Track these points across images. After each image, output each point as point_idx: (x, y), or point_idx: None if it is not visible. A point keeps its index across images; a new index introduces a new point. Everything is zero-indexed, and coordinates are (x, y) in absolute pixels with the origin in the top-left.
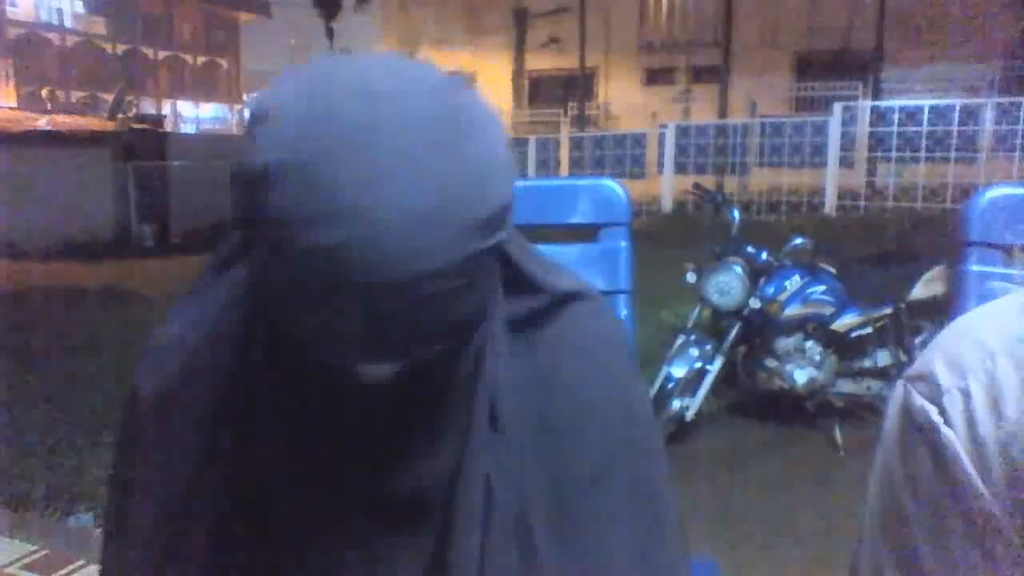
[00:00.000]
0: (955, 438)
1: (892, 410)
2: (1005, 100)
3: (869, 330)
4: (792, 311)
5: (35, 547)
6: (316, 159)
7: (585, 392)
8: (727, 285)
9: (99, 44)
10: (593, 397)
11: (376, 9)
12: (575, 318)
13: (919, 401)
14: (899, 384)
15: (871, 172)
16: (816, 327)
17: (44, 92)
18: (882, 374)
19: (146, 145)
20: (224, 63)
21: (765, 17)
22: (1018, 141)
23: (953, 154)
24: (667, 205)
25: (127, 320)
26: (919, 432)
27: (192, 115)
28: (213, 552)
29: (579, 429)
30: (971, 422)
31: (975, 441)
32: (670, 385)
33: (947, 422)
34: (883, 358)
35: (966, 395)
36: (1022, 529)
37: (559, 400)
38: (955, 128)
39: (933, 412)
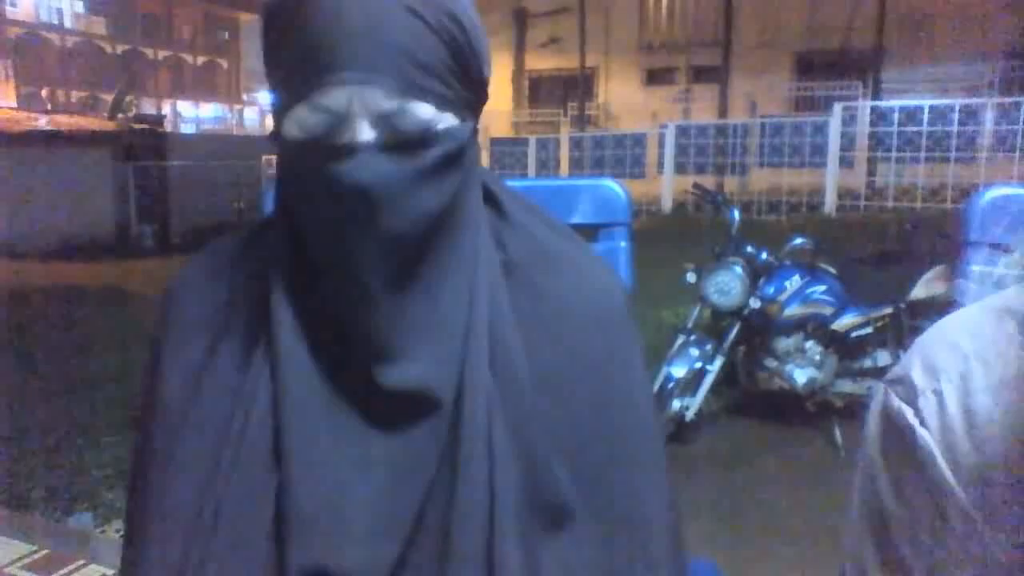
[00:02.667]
0: (930, 439)
1: (872, 412)
2: (1005, 100)
3: (869, 330)
4: (792, 311)
5: (35, 547)
6: None
7: (589, 351)
8: (727, 285)
9: (99, 44)
10: (598, 360)
11: None
12: (582, 275)
13: (896, 403)
14: (879, 387)
15: (871, 172)
16: (816, 327)
17: (44, 92)
18: (882, 374)
19: (146, 145)
20: (224, 63)
21: (765, 17)
22: (1018, 141)
23: (953, 154)
24: (667, 205)
25: (127, 320)
26: (897, 434)
27: (192, 115)
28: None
29: (580, 392)
30: (944, 423)
31: (949, 442)
32: (670, 385)
33: (922, 423)
34: (883, 358)
35: (940, 397)
36: (995, 527)
37: (563, 353)
38: (955, 128)
39: (909, 414)
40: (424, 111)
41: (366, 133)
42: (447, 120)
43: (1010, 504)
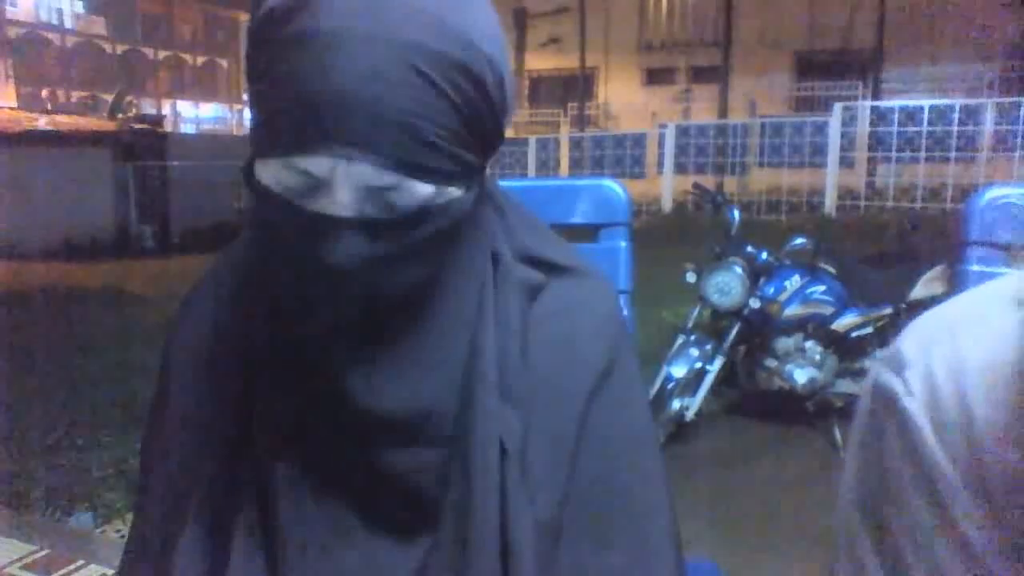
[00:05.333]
0: (918, 411)
1: (865, 387)
2: (1005, 100)
3: (869, 330)
4: (792, 311)
5: (35, 547)
6: None
7: (588, 358)
8: (727, 285)
9: (99, 44)
10: (597, 367)
11: None
12: (587, 295)
13: (885, 375)
14: (873, 363)
15: (871, 172)
16: (816, 327)
17: (44, 92)
18: None
19: (146, 145)
20: (224, 63)
21: (765, 17)
22: (1018, 141)
23: (953, 154)
24: (667, 205)
25: (127, 320)
26: (885, 405)
27: (192, 115)
28: (215, 514)
29: (580, 400)
30: (933, 396)
31: (937, 412)
32: (670, 385)
33: (909, 393)
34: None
35: (928, 368)
36: (984, 501)
37: (562, 360)
38: (955, 128)
39: (898, 384)
40: (423, 189)
41: (349, 208)
42: (450, 193)
43: (1002, 481)
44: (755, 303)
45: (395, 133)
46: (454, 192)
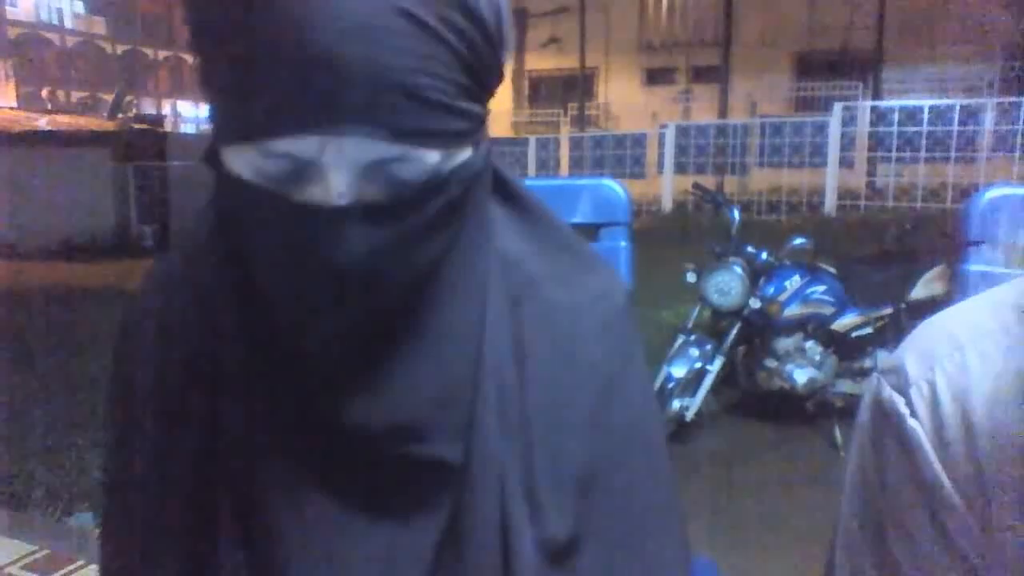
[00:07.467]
0: (920, 429)
1: (865, 402)
2: (1005, 100)
3: (869, 330)
4: (792, 311)
5: (35, 547)
6: None
7: (592, 355)
8: (727, 285)
9: (99, 44)
10: (601, 363)
11: None
12: (587, 279)
13: (888, 392)
14: (873, 376)
15: (871, 172)
16: (816, 327)
17: (44, 92)
18: None
19: (146, 145)
20: None
21: (765, 17)
22: (1018, 141)
23: (953, 154)
24: (667, 205)
25: None
26: (887, 423)
27: (192, 115)
28: (193, 523)
29: (584, 397)
30: (936, 414)
31: (939, 433)
32: (670, 385)
33: (913, 413)
34: (883, 358)
35: (932, 387)
36: (985, 520)
37: (566, 357)
38: (955, 128)
39: (900, 403)
40: (430, 157)
41: (346, 194)
42: (459, 155)
43: (1006, 501)
44: (755, 303)
45: (393, 97)
46: (463, 153)
